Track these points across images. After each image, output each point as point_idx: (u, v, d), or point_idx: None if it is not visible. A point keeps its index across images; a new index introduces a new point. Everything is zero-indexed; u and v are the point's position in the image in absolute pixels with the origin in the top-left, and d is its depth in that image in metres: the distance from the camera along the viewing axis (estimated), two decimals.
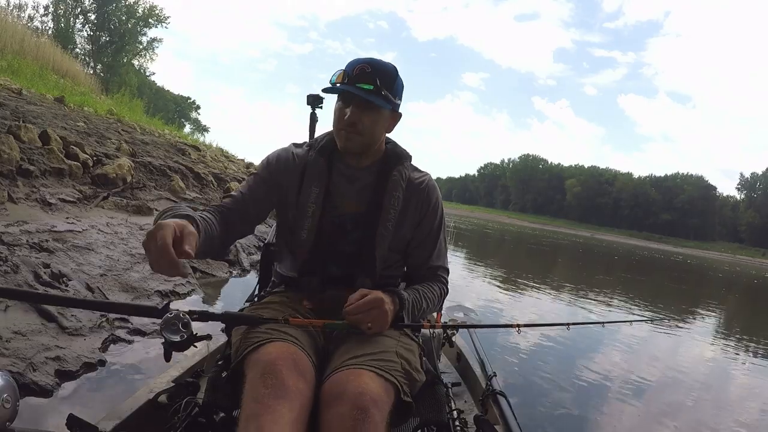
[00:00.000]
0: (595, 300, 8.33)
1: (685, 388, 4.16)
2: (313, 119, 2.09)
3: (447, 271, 1.54)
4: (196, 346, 1.17)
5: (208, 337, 1.22)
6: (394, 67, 1.35)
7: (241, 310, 1.35)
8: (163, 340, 1.11)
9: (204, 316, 1.20)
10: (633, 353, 5.06)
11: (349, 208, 1.42)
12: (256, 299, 1.55)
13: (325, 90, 1.35)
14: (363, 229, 1.40)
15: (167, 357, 1.16)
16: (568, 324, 1.84)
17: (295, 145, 1.50)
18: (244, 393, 1.02)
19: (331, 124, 1.41)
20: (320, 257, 1.41)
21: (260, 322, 1.19)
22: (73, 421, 1.14)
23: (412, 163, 1.52)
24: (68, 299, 1.38)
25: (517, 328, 1.61)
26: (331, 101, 1.42)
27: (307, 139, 1.64)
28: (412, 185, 1.45)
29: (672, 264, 28.76)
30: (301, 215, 1.41)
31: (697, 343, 6.33)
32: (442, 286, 1.51)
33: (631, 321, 3.71)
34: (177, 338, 1.09)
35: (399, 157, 1.47)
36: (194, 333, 1.14)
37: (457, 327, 1.84)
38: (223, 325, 1.37)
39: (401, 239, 1.44)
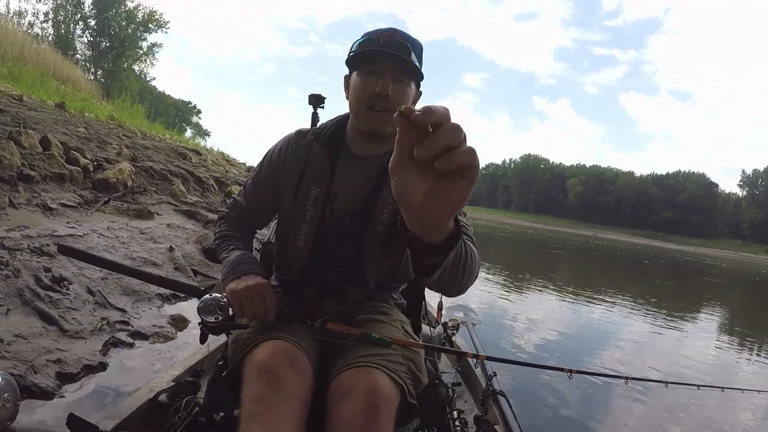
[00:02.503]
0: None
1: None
2: (315, 119, 2.06)
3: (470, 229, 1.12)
4: (231, 333, 1.21)
5: (245, 326, 1.21)
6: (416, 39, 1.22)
7: None
8: (199, 321, 1.17)
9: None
10: None
11: (350, 205, 1.28)
12: None
13: (355, 56, 1.21)
14: (358, 229, 1.27)
15: (202, 339, 1.22)
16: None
17: (299, 134, 1.36)
18: (243, 393, 1.02)
19: (349, 104, 1.27)
20: (317, 266, 1.30)
21: (293, 320, 1.17)
22: (73, 421, 1.14)
23: None
24: (122, 266, 1.33)
25: (569, 374, 1.47)
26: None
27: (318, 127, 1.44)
28: None
29: (709, 268, 27.30)
30: (298, 219, 1.29)
31: None
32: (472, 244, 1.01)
33: None
34: (211, 319, 1.15)
35: None
36: (233, 319, 1.19)
37: (499, 361, 1.52)
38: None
39: (398, 243, 1.24)
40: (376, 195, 1.25)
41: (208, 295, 1.17)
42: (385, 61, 1.18)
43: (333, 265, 1.29)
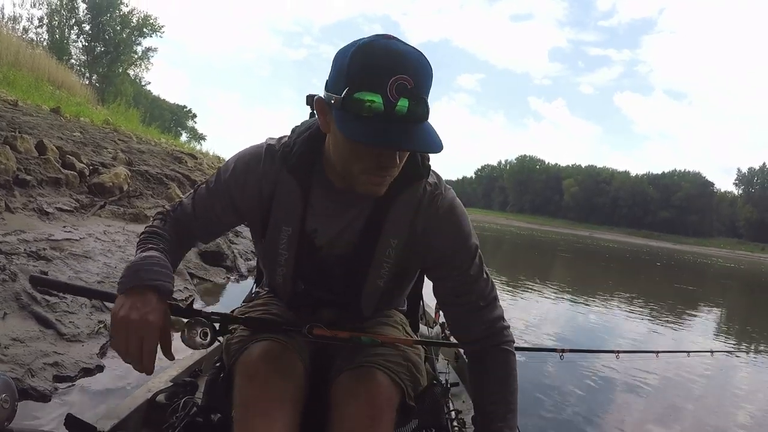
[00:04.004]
0: None
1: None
2: None
3: (502, 318, 1.14)
4: (221, 340, 1.12)
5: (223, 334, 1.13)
6: (423, 55, 0.89)
7: (232, 311, 1.25)
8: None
9: (227, 320, 1.08)
10: None
11: (334, 245, 1.11)
12: (253, 295, 1.41)
13: (367, 142, 0.86)
14: (351, 276, 1.13)
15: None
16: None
17: (269, 151, 1.09)
18: (234, 397, 1.01)
19: (337, 155, 0.97)
20: (304, 295, 1.19)
21: (282, 330, 1.09)
22: (71, 421, 1.14)
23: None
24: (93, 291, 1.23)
25: (561, 354, 1.45)
26: None
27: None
28: (423, 214, 1.07)
29: (723, 269, 26.79)
30: (271, 261, 1.14)
31: None
32: (508, 357, 1.13)
33: None
34: (196, 343, 1.01)
35: (413, 173, 1.04)
36: (215, 339, 1.06)
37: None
38: (217, 326, 1.34)
39: (401, 282, 1.20)
40: (371, 244, 1.08)
41: (192, 321, 1.03)
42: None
43: (324, 291, 1.20)
